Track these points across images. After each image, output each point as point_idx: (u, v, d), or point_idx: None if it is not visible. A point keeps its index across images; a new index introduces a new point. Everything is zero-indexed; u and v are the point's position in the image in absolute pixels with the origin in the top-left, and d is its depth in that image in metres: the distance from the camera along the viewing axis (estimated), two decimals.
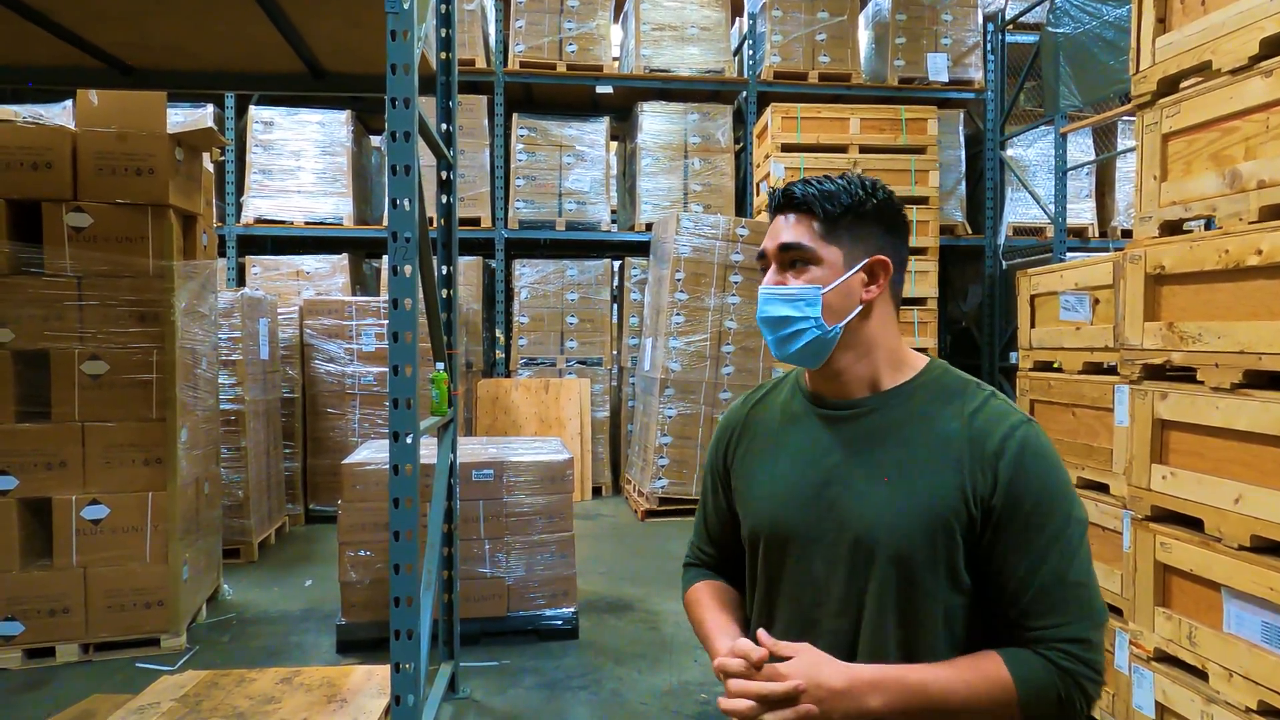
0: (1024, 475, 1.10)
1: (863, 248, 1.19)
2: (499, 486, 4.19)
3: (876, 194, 1.21)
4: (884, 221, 1.21)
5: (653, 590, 5.12)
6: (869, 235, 1.19)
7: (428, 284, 3.20)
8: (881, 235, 1.20)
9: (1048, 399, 3.62)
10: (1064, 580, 1.09)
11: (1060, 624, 1.08)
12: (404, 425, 2.54)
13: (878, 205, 1.20)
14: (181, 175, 4.22)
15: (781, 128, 7.55)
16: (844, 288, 1.17)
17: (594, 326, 8.33)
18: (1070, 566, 1.09)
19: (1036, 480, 1.10)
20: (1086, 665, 1.08)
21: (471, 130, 8.15)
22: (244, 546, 5.73)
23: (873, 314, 1.19)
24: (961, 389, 1.18)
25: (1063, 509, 1.11)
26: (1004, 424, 1.13)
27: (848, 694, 1.03)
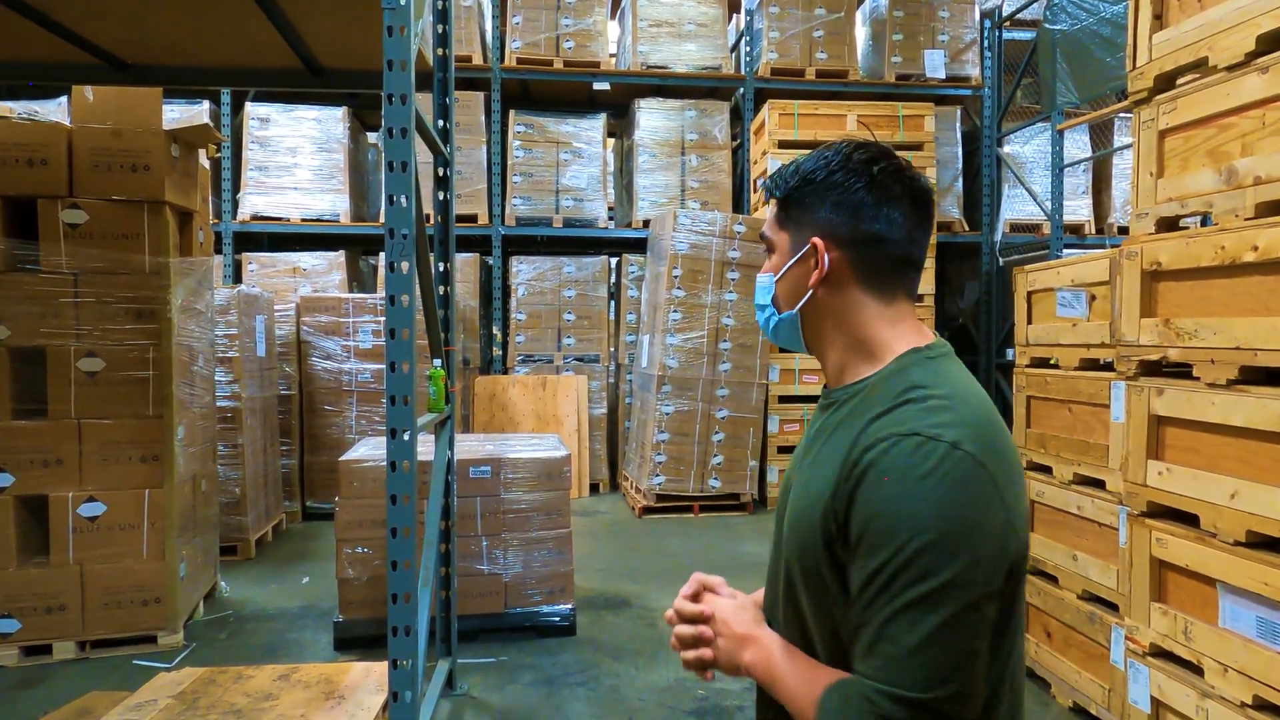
0: (868, 493, 0.92)
1: (806, 230, 1.07)
2: (496, 483, 4.19)
3: (834, 168, 1.05)
4: (832, 194, 1.05)
5: (650, 587, 5.12)
6: (812, 216, 1.06)
7: (425, 281, 3.20)
8: (831, 213, 1.05)
9: (1044, 395, 3.62)
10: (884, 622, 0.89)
11: (874, 668, 0.90)
12: (401, 422, 2.53)
13: (826, 174, 1.05)
14: (177, 172, 4.21)
15: (778, 124, 7.55)
16: (791, 274, 1.08)
17: (591, 323, 8.33)
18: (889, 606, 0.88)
19: (880, 505, 0.90)
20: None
21: (468, 127, 8.14)
22: (241, 544, 5.72)
23: (832, 300, 1.07)
24: (898, 390, 0.98)
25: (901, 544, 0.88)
26: (891, 430, 0.93)
27: (735, 639, 1.09)
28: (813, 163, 1.08)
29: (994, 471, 0.92)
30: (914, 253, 1.07)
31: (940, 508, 0.88)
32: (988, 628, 0.90)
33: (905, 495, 0.89)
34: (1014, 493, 0.95)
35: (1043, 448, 3.62)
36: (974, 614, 0.88)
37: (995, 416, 0.99)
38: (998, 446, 0.95)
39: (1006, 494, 0.93)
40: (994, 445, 0.94)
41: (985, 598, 0.89)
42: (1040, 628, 3.64)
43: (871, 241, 1.05)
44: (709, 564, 5.62)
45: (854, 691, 0.91)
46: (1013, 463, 0.97)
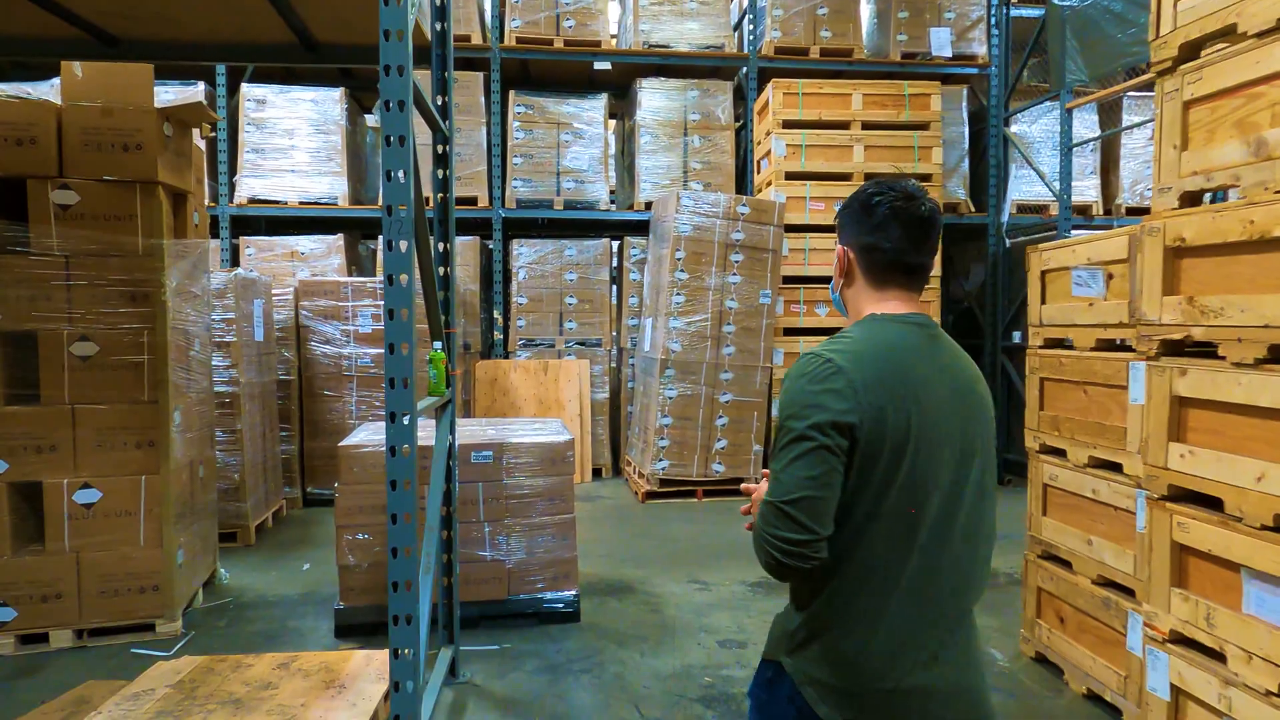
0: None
1: (840, 242, 1.61)
2: (499, 468, 4.12)
3: (855, 199, 1.58)
4: (851, 218, 1.58)
5: (654, 572, 5.06)
6: (842, 233, 1.61)
7: (424, 261, 3.11)
8: (846, 230, 1.59)
9: (1059, 377, 3.55)
10: (773, 465, 1.44)
11: (766, 495, 1.43)
12: (401, 405, 2.46)
13: (851, 206, 1.59)
14: (171, 151, 4.12)
15: (783, 104, 7.43)
16: (836, 269, 1.63)
17: (593, 307, 8.24)
18: (776, 454, 1.44)
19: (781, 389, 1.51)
20: (764, 521, 1.41)
21: (468, 108, 8.02)
22: (240, 530, 5.66)
23: (851, 287, 1.61)
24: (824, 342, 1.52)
25: (781, 414, 1.46)
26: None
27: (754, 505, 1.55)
28: (849, 198, 1.60)
29: (851, 375, 1.41)
30: (905, 259, 1.53)
31: (798, 391, 1.43)
32: (827, 466, 1.38)
33: (787, 383, 1.47)
34: (871, 390, 1.40)
35: (1056, 430, 3.55)
36: (814, 454, 1.38)
37: (880, 350, 1.46)
38: (864, 363, 1.43)
39: (863, 390, 1.40)
40: (861, 362, 1.43)
41: (823, 446, 1.38)
42: (1053, 613, 3.58)
43: (868, 249, 1.55)
44: (713, 549, 5.57)
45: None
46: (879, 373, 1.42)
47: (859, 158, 7.47)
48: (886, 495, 1.40)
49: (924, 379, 1.44)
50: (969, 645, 1.53)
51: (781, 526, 1.37)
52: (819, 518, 1.37)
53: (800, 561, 1.37)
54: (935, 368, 1.47)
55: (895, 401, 1.40)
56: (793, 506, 1.36)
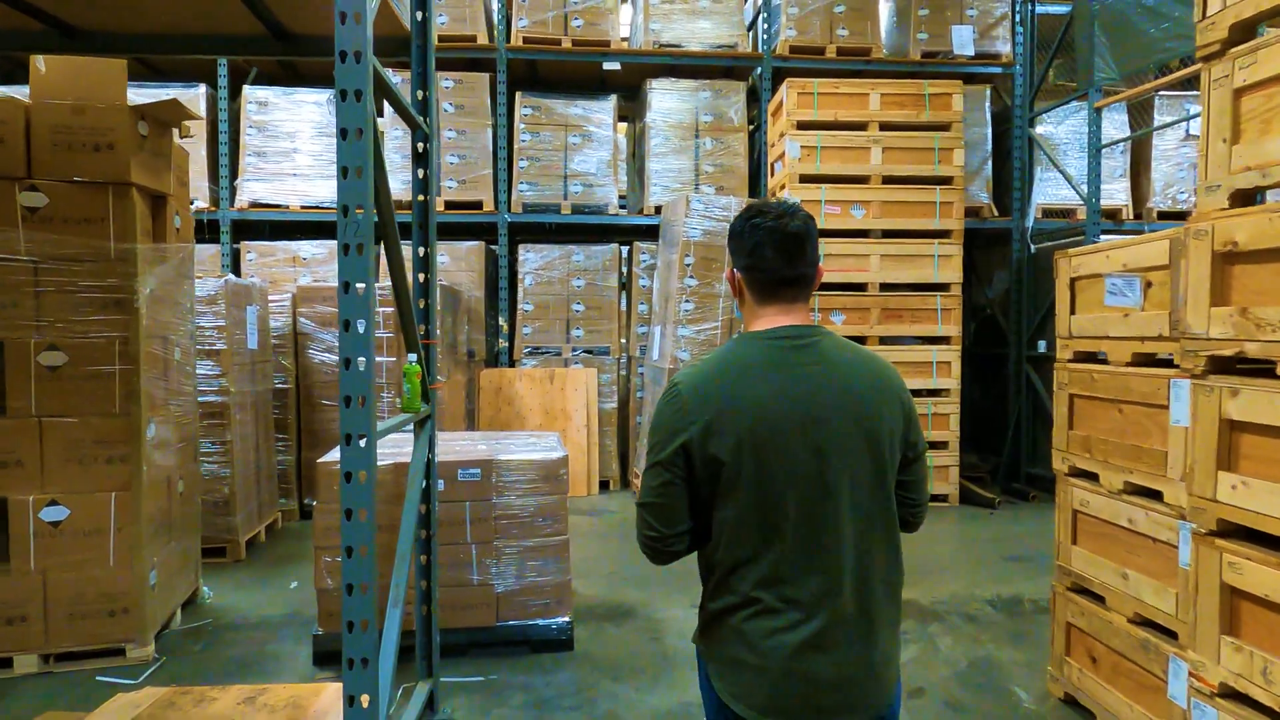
0: None
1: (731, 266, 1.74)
2: (487, 487, 3.89)
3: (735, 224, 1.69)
4: (733, 244, 1.70)
5: (656, 595, 4.80)
6: (731, 253, 1.72)
7: (395, 266, 2.88)
8: (732, 255, 1.72)
9: (1090, 393, 3.25)
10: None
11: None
12: (357, 426, 2.22)
13: (731, 233, 1.71)
14: (146, 151, 3.92)
15: (797, 104, 7.16)
16: (732, 292, 1.75)
17: (601, 314, 8.01)
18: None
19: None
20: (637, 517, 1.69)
21: (473, 109, 7.82)
22: (230, 545, 5.47)
23: (742, 305, 1.72)
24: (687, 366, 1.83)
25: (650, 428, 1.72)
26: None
27: None
28: (731, 224, 1.70)
29: (687, 397, 1.59)
30: (781, 274, 1.63)
31: (655, 413, 1.64)
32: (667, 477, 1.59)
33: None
34: (704, 409, 1.57)
35: (1087, 452, 3.25)
36: (657, 468, 1.61)
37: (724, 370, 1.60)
38: (702, 384, 1.59)
39: (692, 409, 1.58)
40: (699, 384, 1.60)
41: (661, 463, 1.60)
42: (1084, 652, 3.28)
43: (749, 270, 1.66)
44: None
45: None
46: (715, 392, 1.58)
47: (877, 160, 7.18)
48: (736, 493, 1.57)
49: (772, 391, 1.57)
50: (870, 637, 1.60)
51: (640, 525, 1.67)
52: (666, 520, 1.61)
53: (656, 554, 1.67)
54: (790, 377, 1.58)
55: (729, 415, 1.56)
56: (645, 510, 1.64)
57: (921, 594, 4.85)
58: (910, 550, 5.61)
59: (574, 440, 7.68)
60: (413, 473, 3.09)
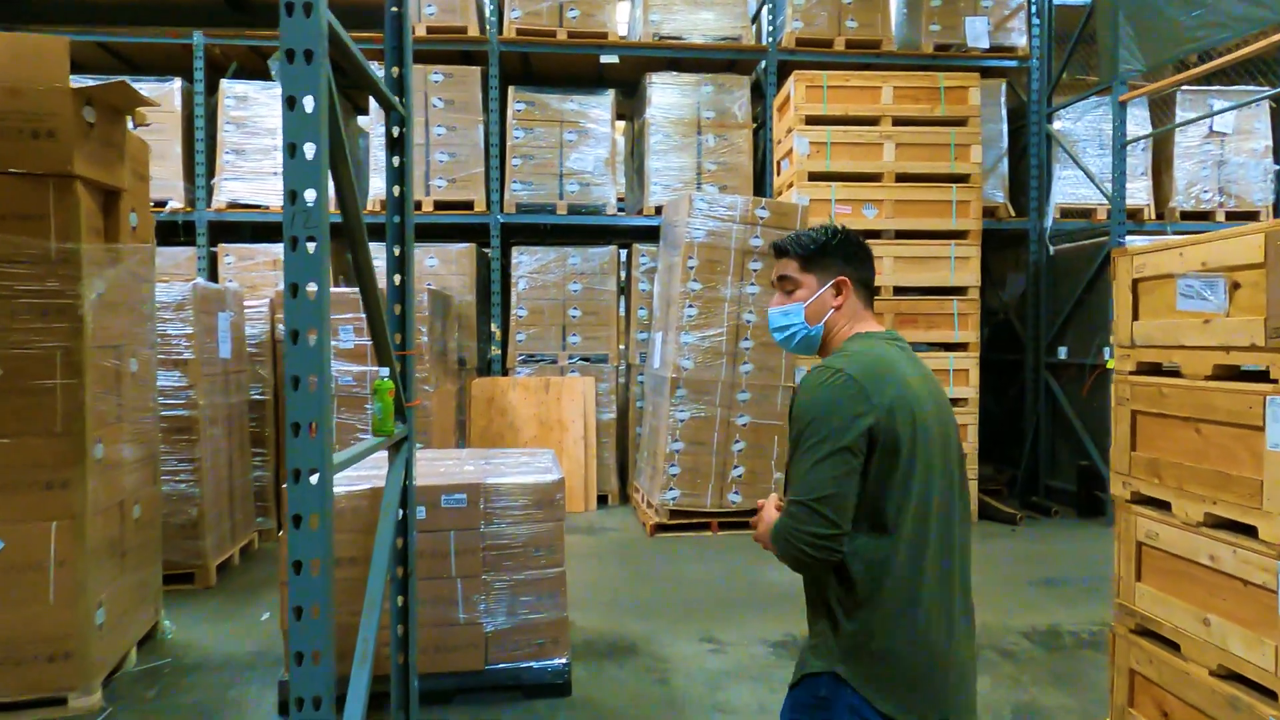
0: (793, 403, 1.68)
1: (831, 271, 1.76)
2: (475, 514, 3.48)
3: (836, 237, 1.77)
4: (846, 252, 1.77)
5: (661, 626, 4.40)
6: (832, 263, 1.76)
7: (362, 266, 2.48)
8: (841, 262, 1.76)
9: (1158, 410, 2.85)
10: (791, 467, 1.63)
11: (790, 495, 1.62)
12: (308, 459, 1.82)
13: (839, 243, 1.77)
14: (94, 140, 3.52)
15: (805, 98, 6.78)
16: (819, 301, 1.77)
17: (599, 320, 7.61)
18: (797, 459, 1.61)
19: (796, 405, 1.67)
20: (790, 518, 1.59)
21: (464, 104, 7.43)
22: (199, 570, 5.05)
23: (839, 314, 1.77)
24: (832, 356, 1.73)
25: (800, 422, 1.62)
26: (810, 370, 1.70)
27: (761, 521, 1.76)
28: (820, 234, 1.79)
29: (863, 382, 1.61)
30: (872, 283, 1.84)
31: (819, 400, 1.61)
32: (849, 467, 1.57)
33: (806, 393, 1.65)
34: (880, 394, 1.60)
35: (1156, 477, 2.86)
36: (837, 456, 1.56)
37: (878, 362, 1.66)
38: (874, 370, 1.64)
39: (874, 393, 1.60)
40: (868, 371, 1.63)
41: (845, 448, 1.56)
42: (1153, 704, 2.88)
43: (860, 280, 1.80)
44: (730, 596, 4.89)
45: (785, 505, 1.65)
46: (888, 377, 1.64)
47: (889, 156, 6.80)
48: (909, 491, 1.59)
49: (914, 385, 1.65)
50: (970, 622, 1.75)
51: (810, 523, 1.54)
52: (843, 514, 1.56)
53: (827, 555, 1.56)
54: (917, 375, 1.69)
55: (899, 404, 1.60)
56: (821, 504, 1.54)
57: None
58: None
59: (570, 453, 7.28)
60: (386, 503, 2.68)
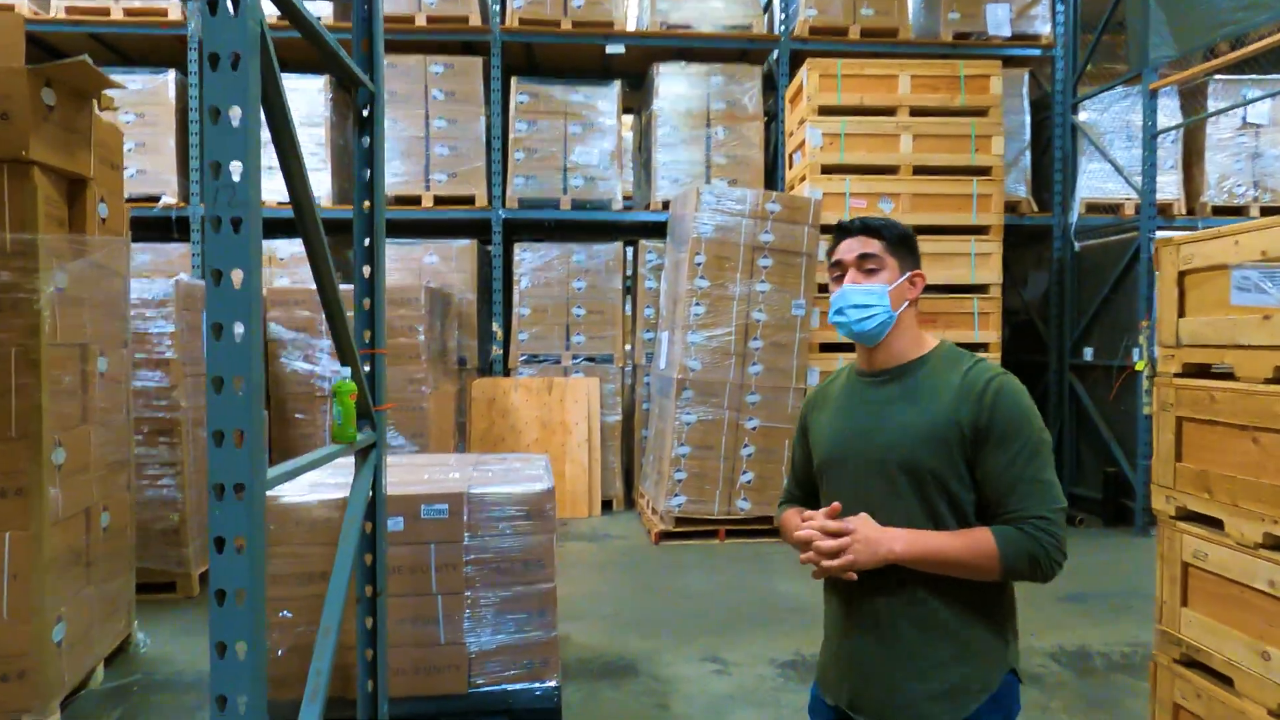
0: (1000, 406, 1.58)
1: (909, 262, 1.72)
2: (458, 525, 3.23)
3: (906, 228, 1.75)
4: (914, 247, 1.74)
5: (663, 644, 4.13)
6: (911, 254, 1.73)
7: (318, 257, 2.23)
8: (914, 256, 1.74)
9: (1209, 417, 2.56)
10: (1030, 478, 1.56)
11: (1028, 507, 1.55)
12: (233, 473, 1.57)
13: (911, 235, 1.74)
14: (54, 124, 3.30)
15: (819, 87, 6.50)
16: (899, 288, 1.69)
17: (604, 319, 7.36)
18: (1032, 468, 1.56)
19: (1007, 410, 1.58)
20: (1048, 534, 1.54)
21: (465, 96, 7.20)
22: (181, 579, 4.84)
23: (911, 308, 1.72)
24: (961, 358, 1.68)
25: (1028, 429, 1.58)
26: (987, 375, 1.62)
27: (878, 540, 1.55)
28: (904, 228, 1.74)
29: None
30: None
31: (1033, 412, 1.60)
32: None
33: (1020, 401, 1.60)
34: None
35: (1206, 491, 2.57)
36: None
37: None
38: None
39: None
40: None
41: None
42: None
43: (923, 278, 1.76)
44: (736, 610, 4.63)
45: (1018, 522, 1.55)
46: None
47: (907, 149, 6.51)
48: None
49: None
50: None
51: (1064, 529, 1.57)
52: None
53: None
54: None
55: None
56: (1065, 512, 1.58)
57: None
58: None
59: (574, 457, 7.04)
60: (349, 517, 2.44)
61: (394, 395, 5.98)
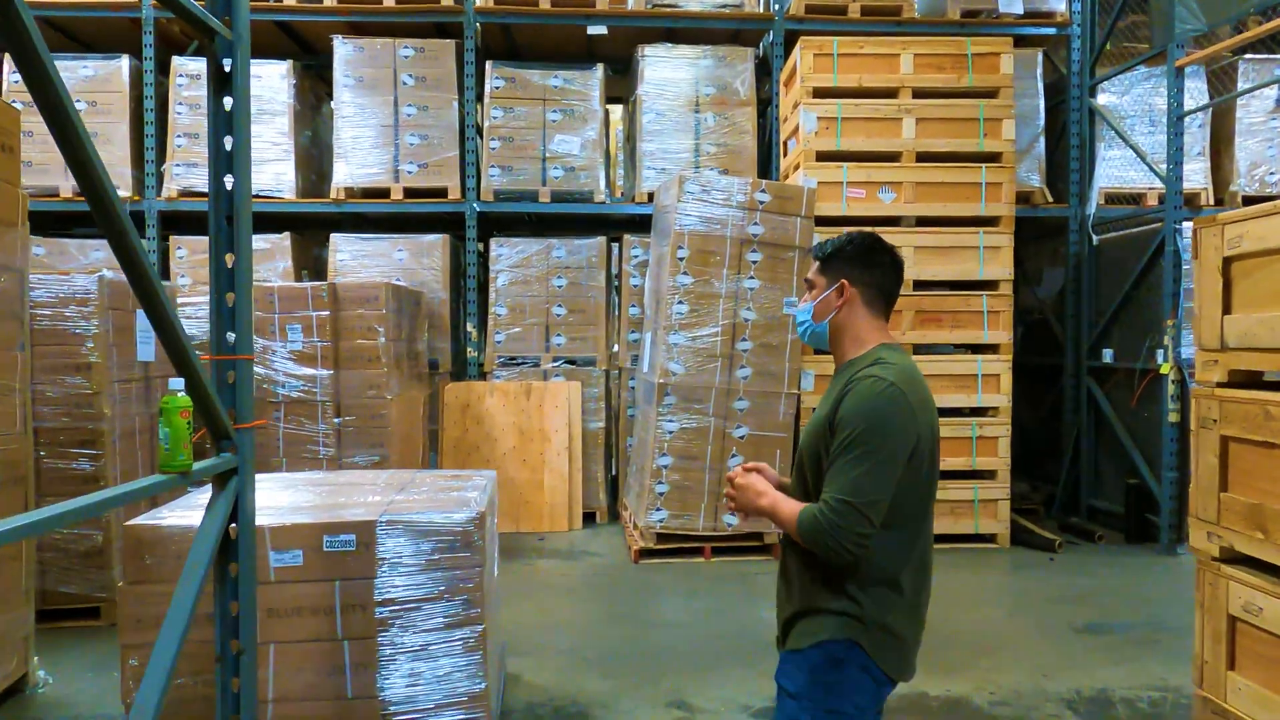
0: (846, 402, 1.81)
1: (840, 274, 1.95)
2: (367, 559, 2.77)
3: (852, 243, 1.97)
4: (855, 258, 1.95)
5: (624, 685, 3.66)
6: (844, 265, 1.95)
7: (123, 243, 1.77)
8: (848, 266, 1.95)
9: (1264, 438, 2.06)
10: (839, 465, 1.77)
11: (827, 489, 1.78)
12: None
13: (852, 249, 1.96)
14: None
15: (813, 67, 6.01)
16: (824, 301, 1.97)
17: (586, 318, 6.89)
18: (844, 458, 1.77)
19: (849, 404, 1.80)
20: (826, 516, 1.74)
21: (437, 81, 6.75)
22: (105, 605, 4.40)
23: (844, 315, 1.95)
24: (872, 360, 1.87)
25: (856, 422, 1.77)
26: (860, 377, 1.83)
27: (756, 493, 1.92)
28: (841, 240, 1.98)
29: (910, 398, 1.80)
30: (892, 291, 1.98)
31: (875, 410, 1.77)
32: (894, 476, 1.76)
33: (862, 400, 1.79)
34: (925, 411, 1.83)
35: (1259, 530, 2.07)
36: (886, 466, 1.75)
37: (915, 378, 1.86)
38: (915, 387, 1.83)
39: (918, 411, 1.80)
40: (912, 386, 1.82)
41: (892, 460, 1.76)
42: None
43: (872, 285, 1.95)
44: (713, 640, 4.16)
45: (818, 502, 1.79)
46: (923, 395, 1.85)
47: (909, 133, 6.01)
48: (927, 494, 1.86)
49: (931, 397, 1.89)
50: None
51: (858, 524, 1.73)
52: (879, 516, 1.75)
53: (863, 552, 1.75)
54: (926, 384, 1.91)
55: (927, 417, 1.83)
56: (868, 508, 1.73)
57: (974, 686, 3.66)
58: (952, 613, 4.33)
59: (553, 466, 6.58)
60: (192, 560, 1.98)
61: (349, 403, 5.54)
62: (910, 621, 1.85)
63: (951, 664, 3.89)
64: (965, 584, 5.26)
